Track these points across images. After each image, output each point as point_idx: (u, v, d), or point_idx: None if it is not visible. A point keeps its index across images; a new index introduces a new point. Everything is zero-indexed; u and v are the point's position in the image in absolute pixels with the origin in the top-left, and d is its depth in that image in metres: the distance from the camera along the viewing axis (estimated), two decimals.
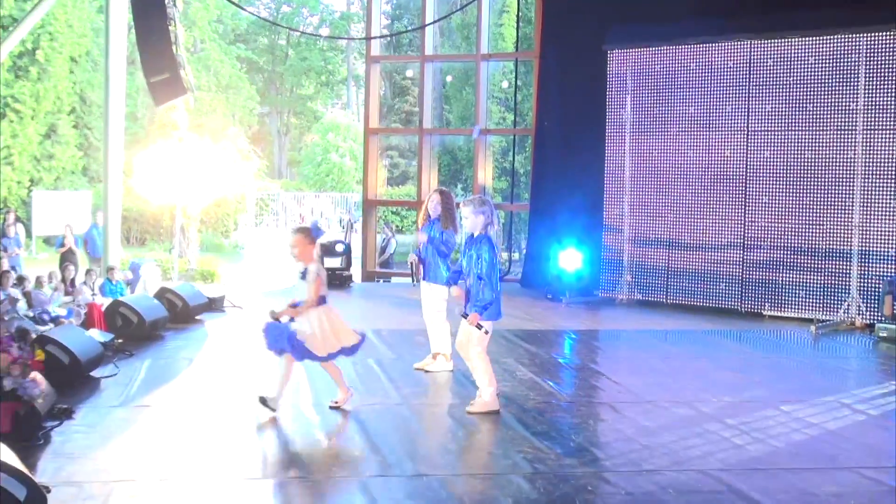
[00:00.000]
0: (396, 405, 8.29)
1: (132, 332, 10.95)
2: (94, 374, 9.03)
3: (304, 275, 7.58)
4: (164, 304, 12.13)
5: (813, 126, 13.66)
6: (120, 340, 10.64)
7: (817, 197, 13.66)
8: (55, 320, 14.94)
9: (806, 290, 13.79)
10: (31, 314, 15.27)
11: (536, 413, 8.06)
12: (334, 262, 16.24)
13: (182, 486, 6.00)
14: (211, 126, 29.64)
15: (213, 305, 13.40)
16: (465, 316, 7.79)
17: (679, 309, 14.61)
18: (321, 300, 7.62)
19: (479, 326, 7.68)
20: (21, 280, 16.15)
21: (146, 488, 5.94)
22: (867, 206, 13.21)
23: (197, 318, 12.71)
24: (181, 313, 12.36)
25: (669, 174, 15.03)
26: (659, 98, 15.14)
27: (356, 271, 17.25)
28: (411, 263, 11.33)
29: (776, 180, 14.05)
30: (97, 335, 10.23)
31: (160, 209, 25.37)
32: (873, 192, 13.16)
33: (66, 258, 19.64)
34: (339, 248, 16.71)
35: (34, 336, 9.88)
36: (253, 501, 5.82)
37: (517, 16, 19.80)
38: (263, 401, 7.67)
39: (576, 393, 9.25)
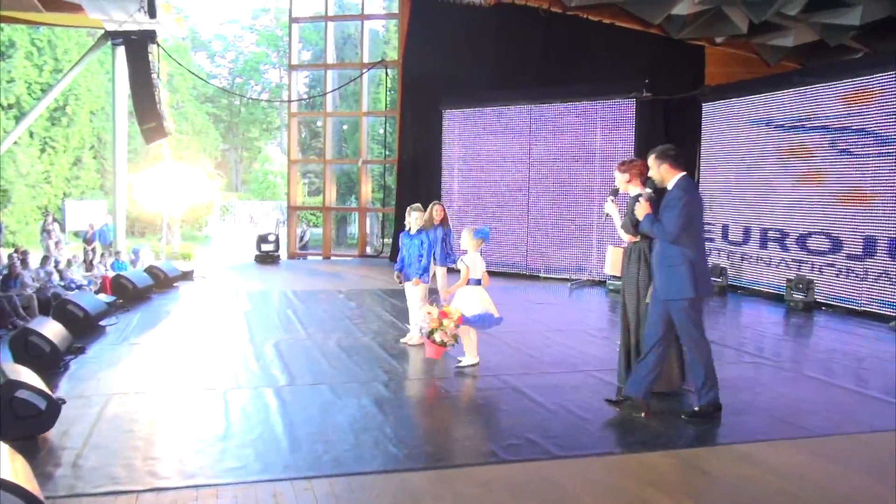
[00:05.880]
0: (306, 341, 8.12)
1: (129, 295, 10.51)
2: (102, 323, 8.63)
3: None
4: (151, 275, 11.66)
5: (572, 157, 14.05)
6: (121, 301, 10.20)
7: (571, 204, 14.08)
8: (79, 287, 14.19)
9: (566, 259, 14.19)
10: (62, 283, 14.50)
11: (393, 342, 7.91)
12: (268, 247, 15.89)
13: (158, 396, 5.78)
14: (188, 158, 28.56)
15: (186, 276, 12.94)
16: (408, 279, 7.63)
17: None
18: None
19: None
20: (55, 262, 15.26)
21: (133, 398, 5.70)
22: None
23: (174, 284, 12.27)
24: (163, 282, 11.90)
25: (484, 188, 15.24)
26: (476, 140, 15.27)
27: (283, 253, 16.88)
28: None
29: (550, 197, 14.38)
30: (104, 297, 9.77)
31: (154, 213, 24.30)
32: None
33: (88, 245, 18.73)
34: (272, 237, 16.36)
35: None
36: (211, 406, 5.58)
37: (386, 87, 19.59)
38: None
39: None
